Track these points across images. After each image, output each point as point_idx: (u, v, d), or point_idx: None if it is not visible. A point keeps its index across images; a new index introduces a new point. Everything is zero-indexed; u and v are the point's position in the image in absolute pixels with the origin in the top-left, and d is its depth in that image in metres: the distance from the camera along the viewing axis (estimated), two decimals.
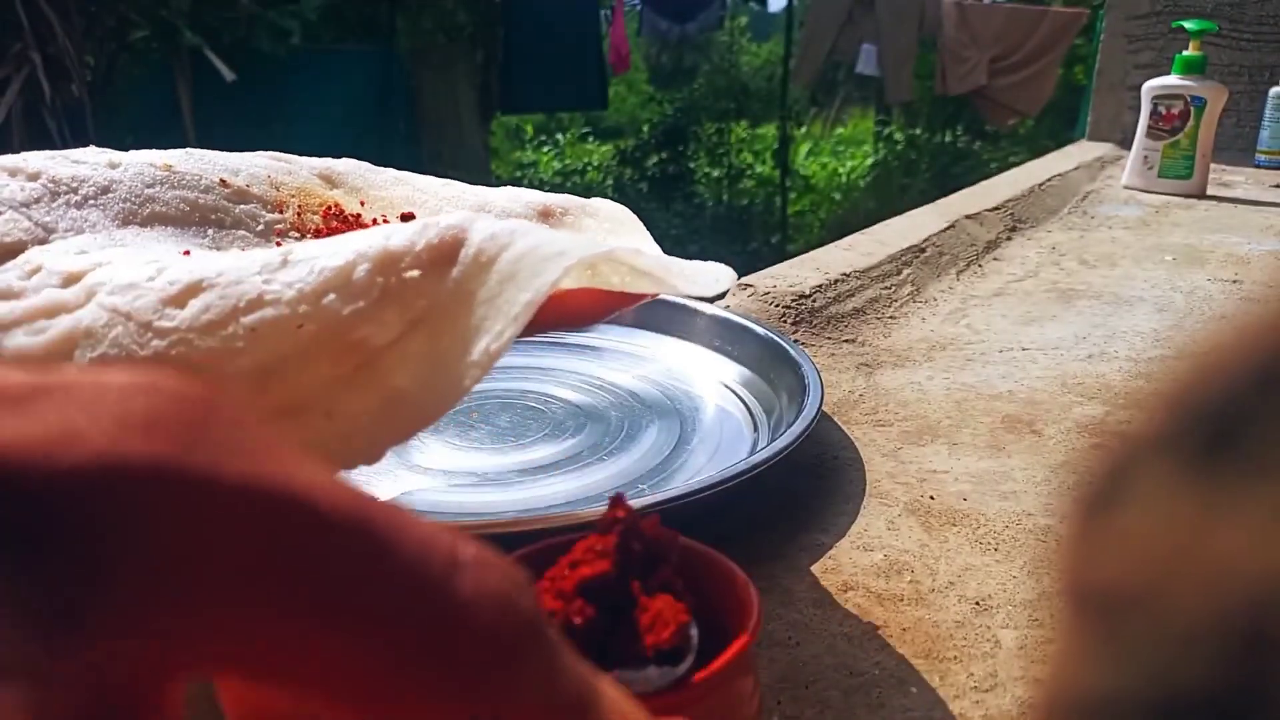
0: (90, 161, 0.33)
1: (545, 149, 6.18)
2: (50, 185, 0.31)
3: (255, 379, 0.25)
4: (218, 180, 0.36)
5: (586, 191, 5.30)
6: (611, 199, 0.44)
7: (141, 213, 0.32)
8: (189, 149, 0.37)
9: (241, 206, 0.35)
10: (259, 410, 0.25)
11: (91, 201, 0.31)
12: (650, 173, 5.37)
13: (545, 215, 0.41)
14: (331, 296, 0.25)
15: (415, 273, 0.26)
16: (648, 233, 0.41)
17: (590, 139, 6.39)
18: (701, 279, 0.31)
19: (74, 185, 0.31)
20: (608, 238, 0.40)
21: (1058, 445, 0.52)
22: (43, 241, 0.29)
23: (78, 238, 0.30)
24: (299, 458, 0.11)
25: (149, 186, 0.33)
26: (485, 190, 0.42)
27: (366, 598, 0.11)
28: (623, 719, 0.13)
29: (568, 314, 0.31)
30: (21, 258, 0.28)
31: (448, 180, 0.43)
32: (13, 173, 0.31)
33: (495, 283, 0.25)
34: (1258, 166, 1.51)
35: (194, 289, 0.26)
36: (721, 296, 0.73)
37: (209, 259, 0.28)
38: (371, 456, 0.25)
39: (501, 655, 0.11)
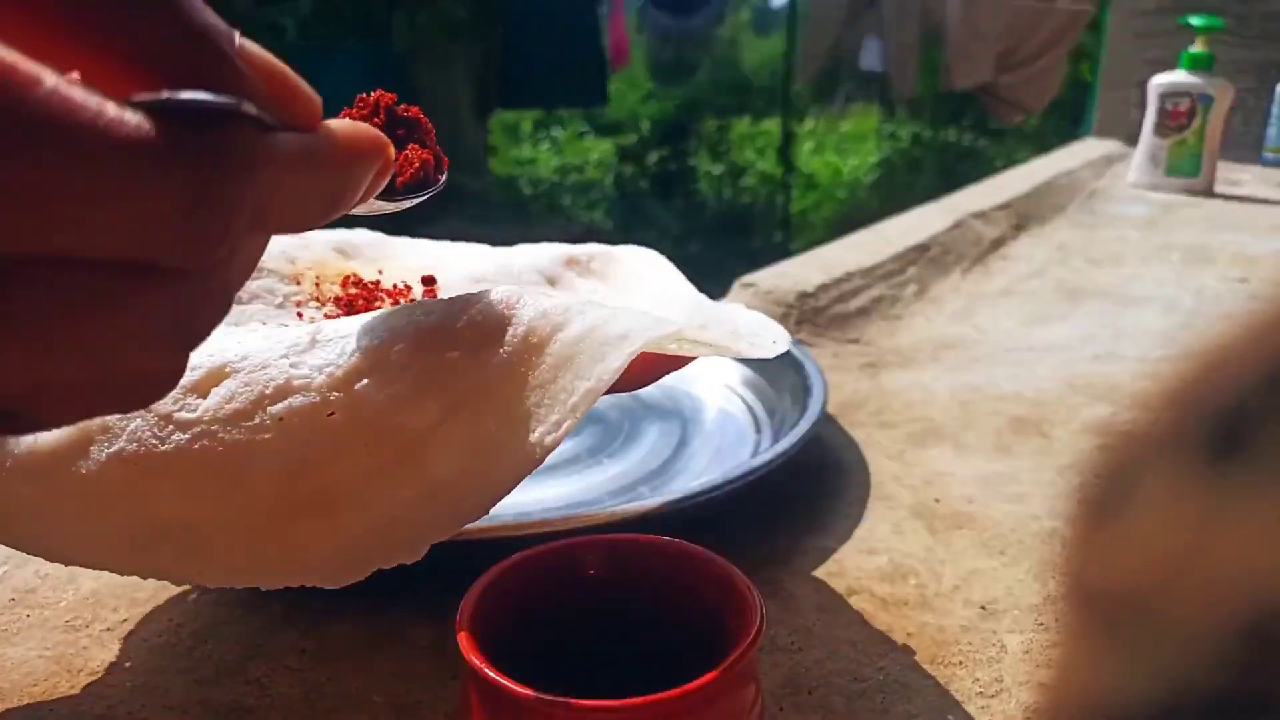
0: None
1: (543, 146, 6.18)
2: None
3: (284, 471, 0.23)
4: None
5: (585, 189, 5.31)
6: (611, 196, 0.44)
7: None
8: None
9: (257, 282, 0.34)
10: (288, 504, 0.23)
11: None
12: (651, 170, 5.36)
13: (571, 264, 0.40)
14: (365, 381, 0.24)
15: (455, 353, 0.24)
16: (679, 273, 0.40)
17: (589, 135, 6.39)
18: (762, 341, 0.29)
19: None
20: (638, 284, 0.39)
21: (1065, 447, 0.52)
22: None
23: None
24: None
25: None
26: (505, 251, 0.41)
27: None
28: None
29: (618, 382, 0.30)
30: None
31: (472, 246, 0.42)
32: None
33: (549, 366, 0.24)
34: (1265, 164, 1.50)
35: (217, 375, 0.25)
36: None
37: (231, 338, 0.27)
38: (414, 551, 0.24)
39: None
